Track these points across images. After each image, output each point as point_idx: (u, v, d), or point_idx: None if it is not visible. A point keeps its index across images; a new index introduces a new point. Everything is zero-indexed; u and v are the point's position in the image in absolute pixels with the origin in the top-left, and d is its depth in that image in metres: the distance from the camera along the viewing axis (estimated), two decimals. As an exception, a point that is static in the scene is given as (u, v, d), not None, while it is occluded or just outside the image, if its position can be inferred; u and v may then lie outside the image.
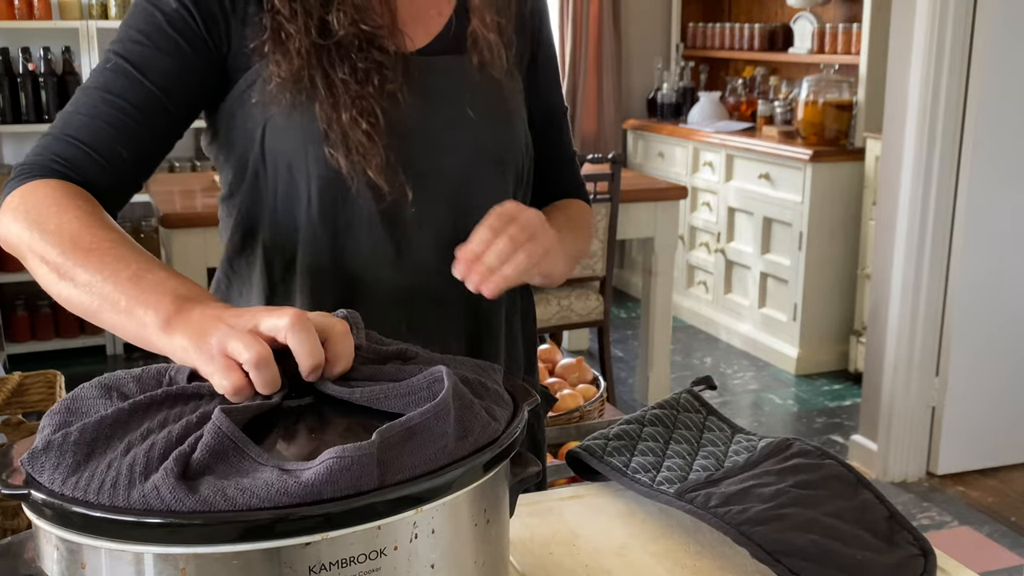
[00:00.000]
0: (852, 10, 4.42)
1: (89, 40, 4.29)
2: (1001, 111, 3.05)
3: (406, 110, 1.03)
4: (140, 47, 0.99)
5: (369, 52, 1.01)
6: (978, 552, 2.82)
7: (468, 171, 1.07)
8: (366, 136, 0.99)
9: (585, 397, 2.21)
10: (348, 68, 1.00)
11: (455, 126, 1.06)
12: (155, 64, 0.99)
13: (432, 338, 1.06)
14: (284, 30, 0.99)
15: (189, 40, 0.99)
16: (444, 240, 1.04)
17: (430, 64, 1.06)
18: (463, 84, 1.07)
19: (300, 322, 0.70)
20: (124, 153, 0.98)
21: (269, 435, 0.67)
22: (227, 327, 0.71)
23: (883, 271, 3.24)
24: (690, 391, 1.13)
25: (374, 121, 1.00)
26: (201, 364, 0.72)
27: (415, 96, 1.03)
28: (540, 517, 0.99)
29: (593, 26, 5.14)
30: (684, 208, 4.82)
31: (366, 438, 0.62)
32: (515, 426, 0.71)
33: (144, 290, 0.81)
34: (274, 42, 1.00)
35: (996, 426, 3.30)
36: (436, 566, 0.64)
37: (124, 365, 4.44)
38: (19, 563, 0.67)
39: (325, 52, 1.00)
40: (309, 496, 0.59)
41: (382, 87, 1.01)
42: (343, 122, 0.99)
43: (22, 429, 1.25)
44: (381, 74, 1.01)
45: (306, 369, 0.70)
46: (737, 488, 0.93)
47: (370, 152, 0.99)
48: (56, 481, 0.63)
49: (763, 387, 4.13)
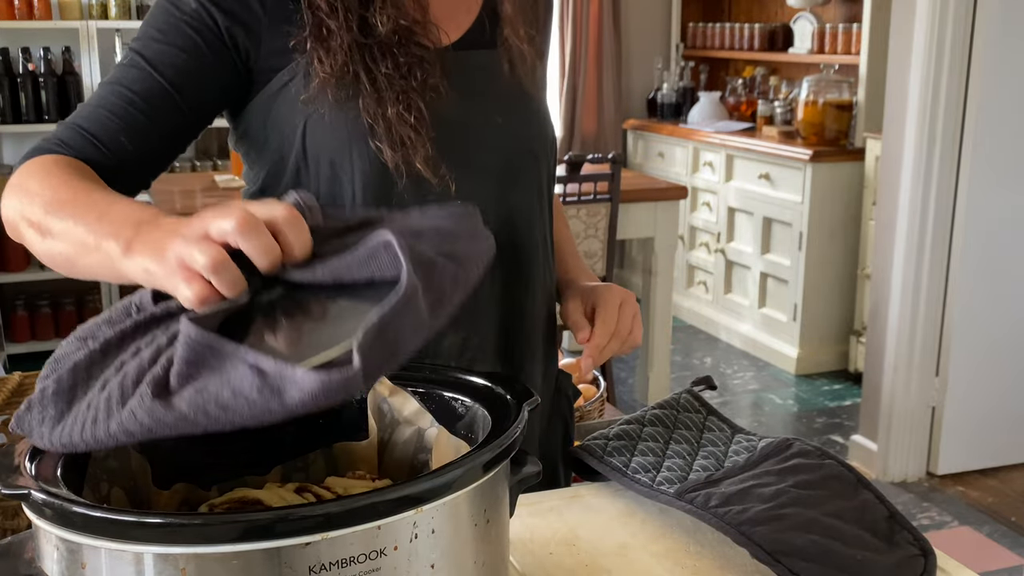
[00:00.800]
0: (852, 10, 4.42)
1: (89, 40, 4.29)
2: (1001, 111, 3.04)
3: (447, 103, 1.04)
4: (156, 43, 1.00)
5: (409, 47, 1.02)
6: (978, 552, 2.82)
7: (506, 163, 1.09)
8: (412, 129, 1.01)
9: (585, 397, 2.21)
10: (391, 63, 1.01)
11: (491, 119, 1.08)
12: (169, 60, 0.99)
13: (466, 328, 1.08)
14: (325, 26, 1.00)
15: (207, 40, 0.99)
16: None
17: (465, 59, 1.08)
18: (496, 78, 1.10)
19: (246, 223, 0.68)
20: (128, 145, 0.98)
21: (249, 332, 0.66)
22: (181, 238, 0.70)
23: (883, 271, 3.24)
24: (690, 391, 1.13)
25: (419, 115, 1.01)
26: (164, 281, 0.71)
27: (453, 90, 1.05)
28: (540, 517, 0.99)
29: (593, 26, 5.14)
30: (684, 208, 4.82)
31: (345, 318, 0.62)
32: (515, 426, 0.71)
33: (107, 223, 0.80)
34: (316, 39, 1.00)
35: (996, 426, 3.30)
36: (436, 566, 0.64)
37: (124, 365, 4.45)
38: (19, 563, 0.67)
39: (367, 48, 1.01)
40: (292, 415, 0.59)
41: (424, 81, 1.02)
42: (389, 116, 1.00)
43: (22, 429, 1.25)
44: (423, 68, 1.02)
45: (264, 267, 0.68)
46: (737, 488, 0.93)
47: (416, 144, 1.01)
48: (45, 435, 0.63)
49: (763, 387, 4.13)
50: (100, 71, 4.30)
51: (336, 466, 0.87)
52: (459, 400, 0.82)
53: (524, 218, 1.12)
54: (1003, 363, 3.26)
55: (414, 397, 0.84)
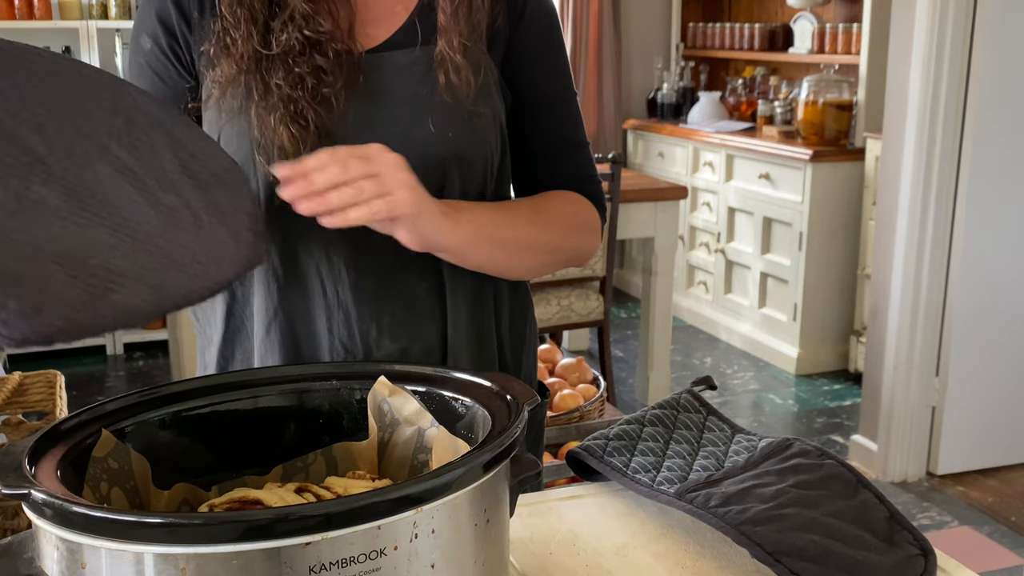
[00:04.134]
0: (852, 10, 4.42)
1: (89, 40, 4.29)
2: (1001, 111, 3.04)
3: (345, 113, 1.02)
4: (137, 80, 1.08)
5: (311, 57, 1.01)
6: (978, 552, 2.82)
7: (422, 164, 1.03)
8: (291, 141, 1.00)
9: (585, 397, 2.21)
10: (283, 73, 1.01)
11: (405, 123, 1.05)
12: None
13: (404, 338, 1.07)
14: (229, 36, 1.02)
15: (163, 74, 1.07)
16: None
17: (383, 61, 1.06)
18: (419, 79, 1.06)
19: None
20: None
21: None
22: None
23: (883, 271, 3.24)
24: (690, 391, 1.13)
25: (304, 124, 1.00)
26: None
27: (359, 98, 1.03)
28: (540, 517, 0.99)
29: (593, 26, 5.14)
30: (684, 208, 4.83)
31: None
32: (515, 426, 0.71)
33: None
34: (219, 48, 1.02)
35: (996, 426, 3.30)
36: (436, 566, 0.64)
37: (124, 365, 4.44)
38: (19, 563, 0.67)
39: (265, 59, 1.01)
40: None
41: (315, 91, 1.01)
42: (272, 127, 1.00)
43: (22, 429, 1.25)
44: (317, 78, 1.01)
45: None
46: (737, 488, 0.93)
47: (295, 155, 0.99)
48: None
49: (763, 387, 4.13)
50: (100, 71, 4.30)
51: (336, 466, 0.87)
52: (459, 400, 0.82)
53: None
54: (1003, 363, 3.26)
55: (414, 397, 0.84)
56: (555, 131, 1.17)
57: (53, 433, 0.74)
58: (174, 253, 0.83)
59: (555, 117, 1.17)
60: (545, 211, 1.14)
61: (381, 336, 1.07)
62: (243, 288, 1.10)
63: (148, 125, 0.89)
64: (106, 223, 0.81)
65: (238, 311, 1.12)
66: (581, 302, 3.45)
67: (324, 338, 1.07)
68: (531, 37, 1.14)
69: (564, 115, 1.18)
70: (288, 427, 0.87)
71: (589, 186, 1.19)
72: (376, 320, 1.07)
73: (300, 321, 1.08)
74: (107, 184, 0.84)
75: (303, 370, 0.89)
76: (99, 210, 0.81)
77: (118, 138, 0.87)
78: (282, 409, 0.87)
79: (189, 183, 0.89)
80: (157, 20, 1.07)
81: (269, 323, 1.08)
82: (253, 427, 0.85)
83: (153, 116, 0.91)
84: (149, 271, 0.80)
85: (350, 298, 1.06)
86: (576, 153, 1.19)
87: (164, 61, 1.07)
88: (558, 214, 1.14)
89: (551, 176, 1.18)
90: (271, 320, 1.08)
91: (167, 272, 0.81)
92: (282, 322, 1.07)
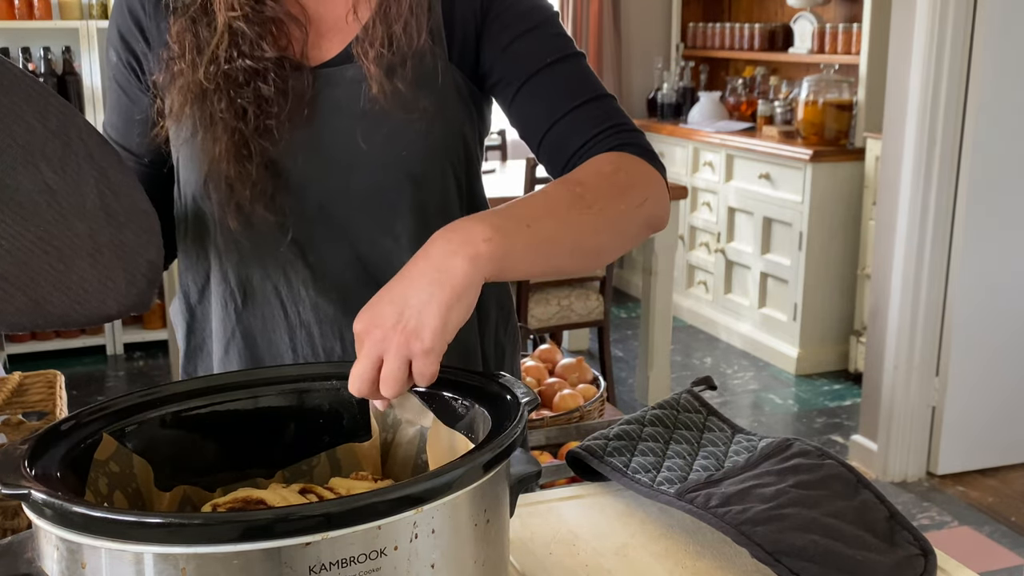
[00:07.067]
0: (852, 10, 4.42)
1: (89, 40, 4.29)
2: (1001, 111, 3.04)
3: (291, 142, 1.01)
4: (110, 110, 1.11)
5: (255, 87, 0.99)
6: (978, 552, 2.82)
7: (375, 183, 1.02)
8: (236, 171, 0.99)
9: (585, 397, 2.21)
10: (225, 104, 0.99)
11: (352, 146, 1.01)
12: (115, 124, 1.11)
13: None
14: (175, 66, 1.01)
15: (126, 89, 1.08)
16: (363, 254, 1.04)
17: (333, 77, 1.02)
18: (369, 95, 1.00)
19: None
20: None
21: None
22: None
23: (883, 271, 3.24)
24: (690, 391, 1.13)
25: (247, 154, 0.99)
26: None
27: (304, 123, 1.01)
28: (540, 517, 0.99)
29: (593, 26, 5.14)
30: (684, 208, 4.83)
31: None
32: (515, 426, 0.71)
33: None
34: (167, 78, 1.02)
35: (996, 426, 3.30)
36: (436, 566, 0.64)
37: (124, 365, 4.45)
38: (19, 563, 0.67)
39: (208, 90, 1.00)
40: None
41: (258, 122, 0.99)
42: (216, 158, 0.99)
43: (22, 429, 1.25)
44: (259, 108, 0.99)
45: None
46: (737, 488, 0.93)
47: (240, 185, 0.99)
48: None
49: (763, 387, 4.13)
50: (100, 71, 4.30)
51: (340, 467, 0.87)
52: (459, 400, 0.82)
53: (407, 243, 1.03)
54: (1003, 363, 3.26)
55: (415, 397, 0.84)
56: (557, 92, 1.02)
57: (53, 433, 0.74)
58: (64, 275, 0.88)
59: (551, 81, 1.02)
60: (579, 183, 0.92)
61: (346, 354, 1.05)
62: (201, 307, 1.10)
63: (84, 156, 0.91)
64: (9, 228, 0.86)
65: (198, 329, 1.12)
66: (581, 302, 3.45)
67: (288, 357, 1.06)
68: (501, 21, 1.04)
69: (564, 73, 1.03)
70: (288, 427, 0.87)
71: (621, 136, 1.01)
72: (340, 338, 1.05)
73: (261, 340, 1.07)
74: (23, 194, 0.88)
75: (303, 370, 0.89)
76: (5, 214, 0.86)
77: (49, 159, 0.90)
78: (282, 409, 0.87)
79: (103, 218, 0.92)
80: (118, 34, 1.07)
81: (227, 342, 1.08)
82: (253, 427, 0.85)
83: (92, 150, 0.92)
84: (34, 284, 0.85)
85: (312, 318, 1.05)
86: (593, 107, 1.02)
87: (127, 75, 1.07)
88: (596, 179, 0.94)
89: (574, 144, 1.01)
90: (229, 339, 1.08)
91: (51, 291, 0.87)
92: (239, 342, 1.07)
